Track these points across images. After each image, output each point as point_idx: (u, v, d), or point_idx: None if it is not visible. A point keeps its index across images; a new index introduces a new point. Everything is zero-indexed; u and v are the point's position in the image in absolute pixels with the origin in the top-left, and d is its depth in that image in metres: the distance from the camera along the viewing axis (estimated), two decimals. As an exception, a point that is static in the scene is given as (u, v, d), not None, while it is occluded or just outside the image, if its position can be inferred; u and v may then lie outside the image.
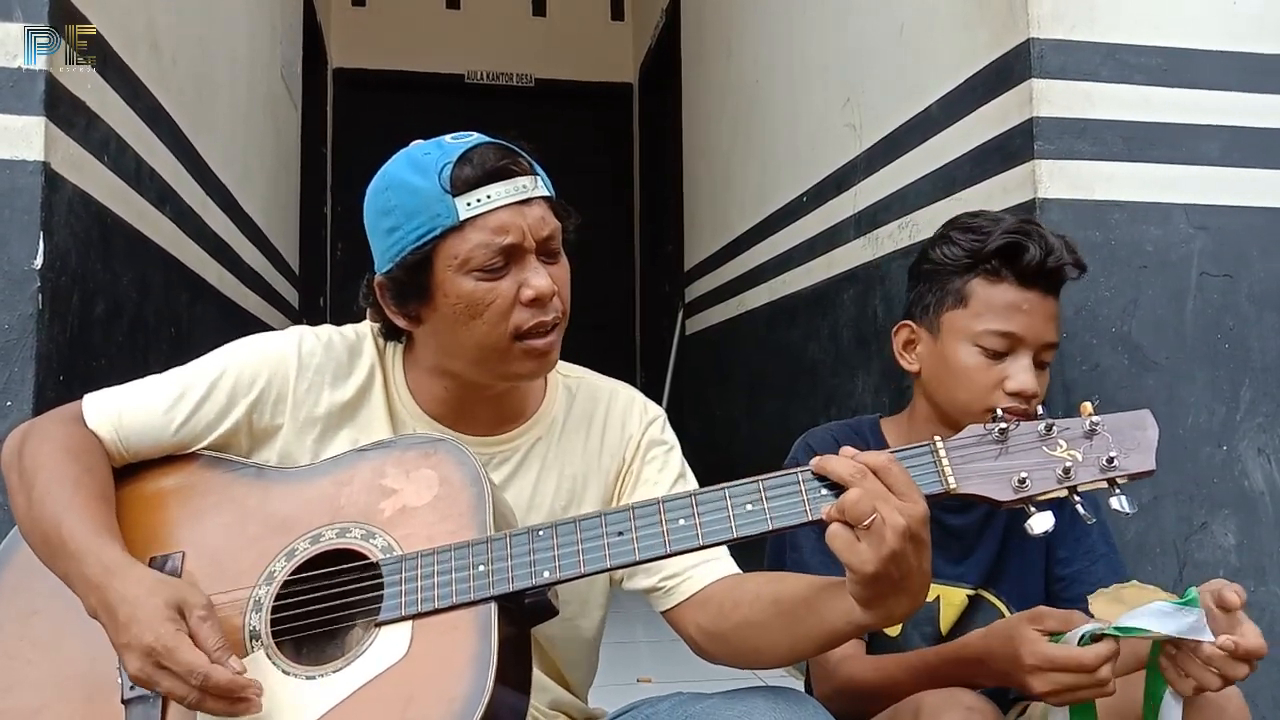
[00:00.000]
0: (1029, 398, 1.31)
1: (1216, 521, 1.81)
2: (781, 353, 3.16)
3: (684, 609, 1.13)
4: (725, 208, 3.90)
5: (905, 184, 2.29)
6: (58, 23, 1.61)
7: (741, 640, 1.08)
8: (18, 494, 1.06)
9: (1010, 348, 1.32)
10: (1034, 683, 1.07)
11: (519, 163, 1.10)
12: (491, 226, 1.06)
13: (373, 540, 1.03)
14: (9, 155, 1.56)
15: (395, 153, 1.15)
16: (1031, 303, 1.32)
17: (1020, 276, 1.32)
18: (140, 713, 0.98)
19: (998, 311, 1.32)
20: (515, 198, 1.08)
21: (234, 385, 1.13)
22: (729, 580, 1.12)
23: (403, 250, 1.08)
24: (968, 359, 1.33)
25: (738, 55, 3.77)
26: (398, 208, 1.09)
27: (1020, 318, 1.32)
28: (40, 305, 1.57)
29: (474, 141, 1.10)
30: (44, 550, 1.03)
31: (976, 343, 1.33)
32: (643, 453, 1.23)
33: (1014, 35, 1.86)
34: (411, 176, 1.08)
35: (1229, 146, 1.86)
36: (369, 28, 5.79)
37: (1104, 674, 1.03)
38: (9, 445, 1.11)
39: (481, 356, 1.11)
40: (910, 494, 0.89)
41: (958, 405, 1.34)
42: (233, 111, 3.00)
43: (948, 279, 1.37)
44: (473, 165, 1.07)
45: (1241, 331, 1.85)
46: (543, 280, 1.08)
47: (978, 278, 1.34)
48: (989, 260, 1.33)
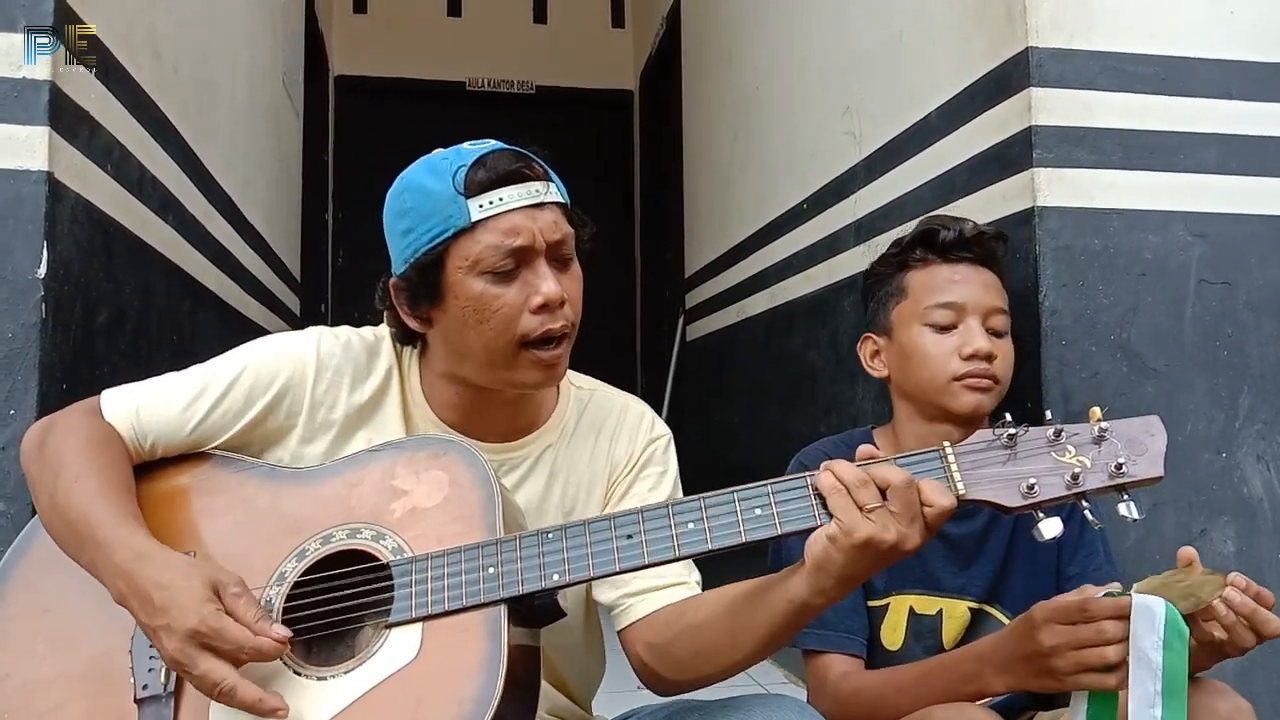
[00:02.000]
0: (985, 357, 1.37)
1: (1216, 528, 1.82)
2: (781, 359, 3.16)
3: (636, 628, 1.13)
4: (725, 215, 3.91)
5: (905, 192, 2.30)
6: (60, 30, 1.61)
7: (685, 644, 1.07)
8: (40, 484, 1.07)
9: (956, 318, 1.40)
10: (1043, 638, 1.07)
11: (533, 168, 1.12)
12: (503, 228, 1.08)
13: (383, 541, 1.04)
14: (13, 165, 1.57)
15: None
16: (963, 274, 1.42)
17: (944, 254, 1.43)
18: (152, 712, 0.99)
19: (934, 288, 1.42)
20: (527, 201, 1.09)
21: (252, 385, 1.14)
22: (683, 600, 1.13)
23: (416, 251, 1.10)
24: (921, 339, 1.41)
25: (738, 62, 3.78)
26: (413, 210, 1.10)
27: (956, 287, 1.41)
28: (44, 314, 1.58)
29: (491, 148, 1.12)
30: (69, 539, 1.03)
31: (925, 321, 1.41)
32: (638, 469, 1.23)
33: (1013, 44, 1.86)
34: (427, 180, 1.10)
35: (1227, 155, 1.87)
36: (370, 35, 5.80)
37: (1108, 627, 1.03)
38: (29, 439, 1.12)
39: (489, 361, 1.12)
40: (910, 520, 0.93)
41: (924, 386, 1.40)
42: (234, 119, 3.01)
43: (887, 282, 1.48)
44: (486, 169, 1.09)
45: (1240, 339, 1.85)
46: (552, 286, 1.09)
47: (910, 269, 1.45)
48: (913, 250, 1.45)
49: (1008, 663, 1.13)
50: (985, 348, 1.37)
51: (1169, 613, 1.01)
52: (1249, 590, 1.06)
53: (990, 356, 1.37)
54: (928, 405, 1.39)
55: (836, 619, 1.34)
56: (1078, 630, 1.05)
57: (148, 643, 1.00)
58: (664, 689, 1.13)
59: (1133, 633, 1.01)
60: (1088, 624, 1.05)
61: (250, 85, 3.25)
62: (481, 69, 5.95)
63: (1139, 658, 1.01)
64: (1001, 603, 1.38)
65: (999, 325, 1.41)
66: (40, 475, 1.08)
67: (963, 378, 1.36)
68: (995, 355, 1.38)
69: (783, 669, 2.99)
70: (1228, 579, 1.06)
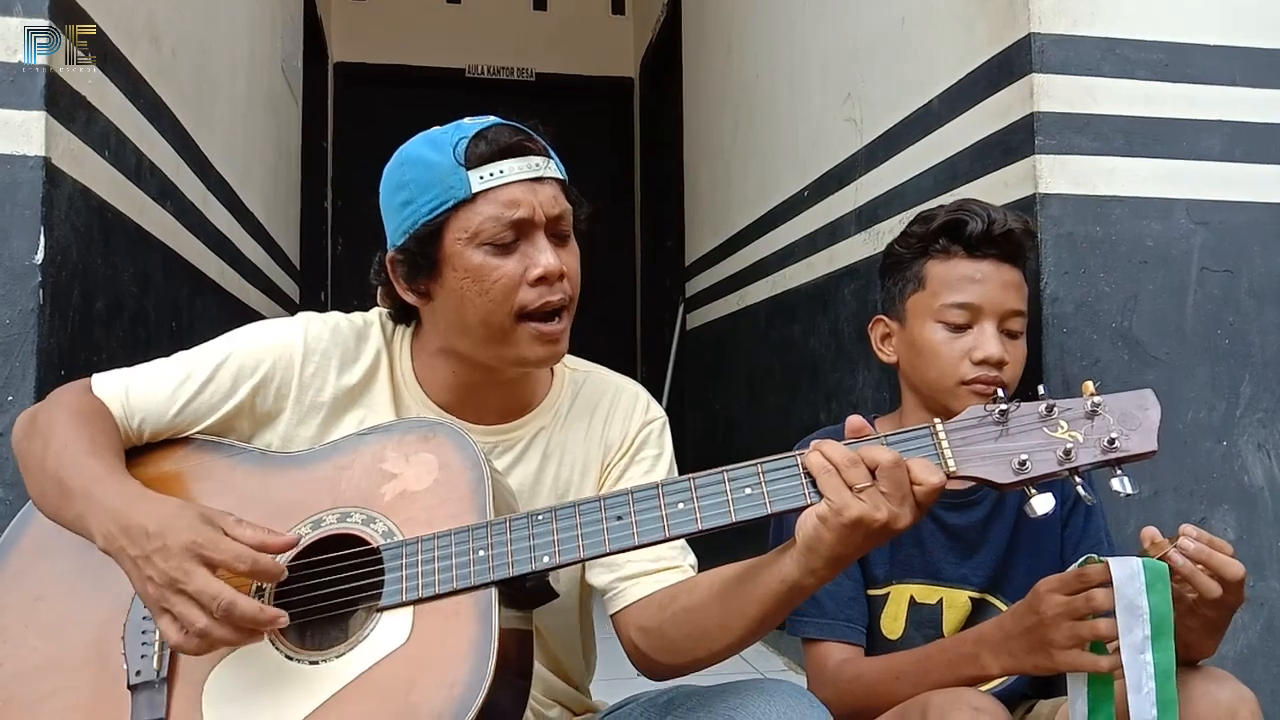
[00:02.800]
0: (996, 364, 1.34)
1: (1216, 517, 1.81)
2: (782, 347, 3.16)
3: (629, 612, 1.13)
4: (726, 202, 3.90)
5: (906, 179, 2.29)
6: (58, 18, 1.60)
7: (677, 626, 1.07)
8: (30, 455, 1.07)
9: (971, 319, 1.36)
10: (1044, 608, 1.08)
11: (534, 142, 1.12)
12: (503, 200, 1.08)
13: (373, 525, 1.04)
14: (9, 150, 1.56)
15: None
16: (985, 272, 1.36)
17: (968, 248, 1.37)
18: (146, 698, 0.99)
19: (953, 285, 1.36)
20: (528, 174, 1.09)
21: (238, 369, 1.14)
22: (676, 584, 1.13)
23: (416, 223, 1.10)
24: (933, 336, 1.37)
25: (738, 49, 3.76)
26: (412, 181, 1.10)
27: (975, 288, 1.36)
28: (41, 300, 1.57)
29: (491, 122, 1.12)
30: (58, 497, 1.03)
31: (939, 319, 1.37)
32: (632, 452, 1.23)
33: (1015, 30, 1.85)
34: (428, 152, 1.10)
35: (1230, 142, 1.86)
36: (369, 22, 5.78)
37: (1097, 595, 1.05)
38: (19, 424, 1.12)
39: (487, 335, 1.11)
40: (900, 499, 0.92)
41: (931, 384, 1.37)
42: (233, 106, 3.00)
43: (906, 267, 1.42)
44: (487, 141, 1.09)
45: (1242, 327, 1.85)
46: (551, 259, 1.09)
47: (931, 259, 1.39)
48: (937, 239, 1.39)
49: (1006, 641, 1.14)
50: (997, 354, 1.33)
51: (1146, 561, 1.03)
52: (1200, 539, 1.07)
53: (1001, 363, 1.34)
54: (932, 400, 1.38)
55: (836, 607, 1.34)
56: (1072, 601, 1.07)
57: (140, 629, 1.00)
58: (656, 673, 1.13)
59: (1116, 588, 1.03)
60: (1078, 594, 1.06)
61: (249, 72, 3.23)
62: (481, 56, 5.93)
63: (1125, 606, 1.02)
64: (1003, 593, 1.38)
65: (1015, 327, 1.38)
66: (31, 447, 1.08)
67: (970, 382, 1.33)
68: (1006, 361, 1.35)
69: (782, 656, 2.99)
70: (1179, 530, 1.07)
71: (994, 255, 1.37)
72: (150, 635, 1.02)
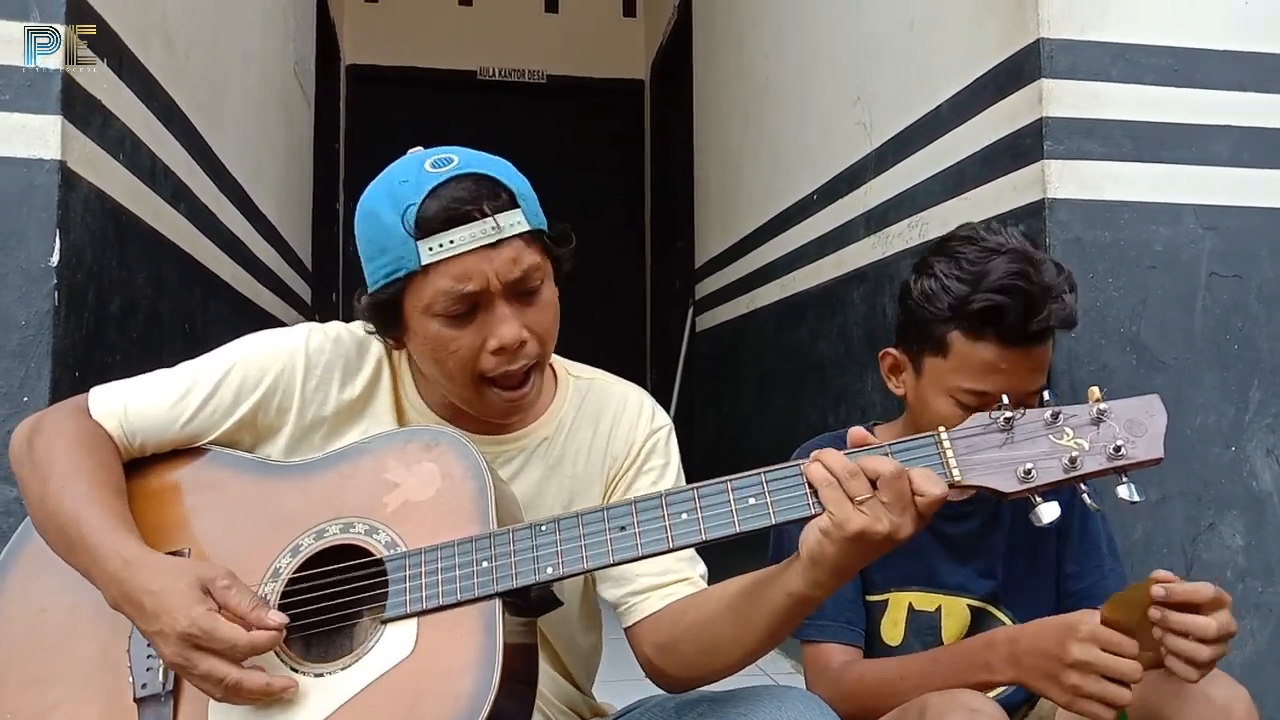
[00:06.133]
0: None
1: (1224, 522, 1.81)
2: (791, 350, 3.16)
3: (642, 628, 1.12)
4: (736, 205, 3.91)
5: (915, 183, 2.30)
6: (73, 21, 1.62)
7: (690, 641, 1.07)
8: (31, 488, 1.07)
9: (986, 403, 1.23)
10: (1075, 650, 1.05)
11: (496, 199, 1.04)
12: (454, 273, 1.03)
13: (376, 535, 1.03)
14: (26, 154, 1.58)
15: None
16: (1012, 360, 1.24)
17: (1001, 337, 1.24)
18: (152, 711, 0.99)
19: (975, 370, 1.25)
20: (481, 242, 1.03)
21: (241, 382, 1.13)
22: (686, 598, 1.12)
23: (375, 283, 1.08)
24: (943, 409, 1.28)
25: (749, 52, 3.77)
26: (371, 240, 1.08)
27: (997, 378, 1.24)
28: (56, 302, 1.59)
29: (448, 174, 1.04)
30: (61, 544, 1.04)
31: (952, 395, 1.27)
32: (640, 462, 1.21)
33: (1024, 35, 1.86)
34: (384, 210, 1.05)
35: (1239, 147, 1.86)
36: (382, 24, 5.80)
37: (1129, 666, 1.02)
38: (17, 438, 1.11)
39: (456, 391, 1.11)
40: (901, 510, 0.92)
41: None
42: (246, 108, 3.01)
43: (929, 324, 1.29)
44: (441, 203, 1.03)
45: (1251, 332, 1.85)
46: (509, 330, 1.05)
47: (957, 330, 1.26)
48: (971, 319, 1.25)
49: (1023, 654, 1.12)
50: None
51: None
52: (1171, 597, 1.02)
53: None
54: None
55: (836, 609, 1.33)
56: (1099, 657, 1.04)
57: (144, 641, 1.00)
58: (674, 687, 1.12)
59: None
60: (1117, 659, 1.04)
61: (262, 74, 3.25)
62: (492, 58, 5.94)
63: None
64: (1004, 604, 1.37)
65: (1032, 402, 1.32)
66: (30, 479, 1.08)
67: None
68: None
69: (790, 659, 3.00)
70: (1152, 576, 1.04)
71: (1026, 343, 1.25)
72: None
